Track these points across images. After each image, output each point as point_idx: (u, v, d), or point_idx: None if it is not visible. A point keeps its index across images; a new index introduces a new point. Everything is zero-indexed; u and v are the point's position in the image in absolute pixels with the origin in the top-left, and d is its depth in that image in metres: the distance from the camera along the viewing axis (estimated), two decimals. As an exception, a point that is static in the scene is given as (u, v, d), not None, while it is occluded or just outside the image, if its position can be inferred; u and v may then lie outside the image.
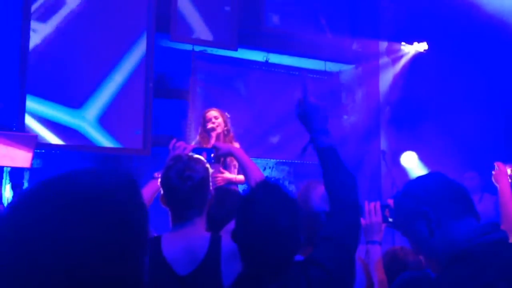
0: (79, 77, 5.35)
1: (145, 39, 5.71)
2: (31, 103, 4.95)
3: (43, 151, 4.05)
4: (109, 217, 0.65)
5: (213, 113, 4.44)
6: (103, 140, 5.47)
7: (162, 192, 1.92)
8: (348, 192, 1.56)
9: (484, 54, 5.72)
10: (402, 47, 6.96)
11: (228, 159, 4.32)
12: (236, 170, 4.29)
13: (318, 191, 1.93)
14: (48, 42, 5.24)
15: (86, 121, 5.37)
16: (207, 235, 1.85)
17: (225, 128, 4.42)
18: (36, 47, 5.14)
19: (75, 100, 5.33)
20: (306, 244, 1.88)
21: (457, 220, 1.38)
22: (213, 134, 4.29)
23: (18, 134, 3.60)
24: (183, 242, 1.82)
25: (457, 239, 1.34)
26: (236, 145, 4.38)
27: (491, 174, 2.79)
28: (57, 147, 5.10)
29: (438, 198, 1.41)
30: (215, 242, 1.80)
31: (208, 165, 1.94)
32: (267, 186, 1.50)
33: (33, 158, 3.49)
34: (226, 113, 4.54)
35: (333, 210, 1.56)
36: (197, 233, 1.85)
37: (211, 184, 1.94)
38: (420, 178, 1.54)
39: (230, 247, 1.75)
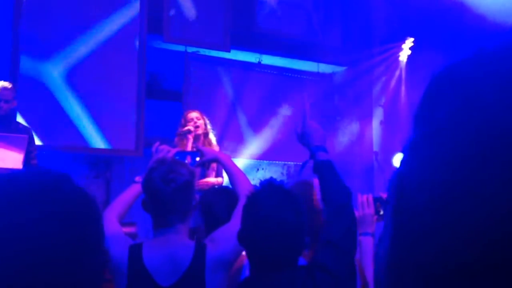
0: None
1: (137, 40, 5.70)
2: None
3: (35, 152, 4.02)
4: (50, 212, 0.66)
5: (194, 114, 4.43)
6: (92, 135, 5.44)
7: (144, 196, 1.86)
8: (344, 201, 1.61)
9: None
10: (394, 49, 6.99)
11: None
12: (214, 173, 4.33)
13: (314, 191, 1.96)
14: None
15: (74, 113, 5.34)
16: (191, 243, 1.80)
17: (205, 131, 4.38)
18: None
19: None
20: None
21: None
22: (190, 136, 4.28)
23: (8, 135, 3.57)
24: (165, 250, 1.76)
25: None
26: (216, 147, 4.40)
27: None
28: (49, 148, 5.07)
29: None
30: (199, 251, 1.75)
31: (193, 170, 1.89)
32: (272, 186, 1.51)
33: (24, 159, 3.47)
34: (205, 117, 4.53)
35: (330, 218, 1.61)
36: (180, 240, 1.79)
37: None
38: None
39: (215, 257, 1.75)
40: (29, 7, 5.15)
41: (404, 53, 6.97)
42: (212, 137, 4.45)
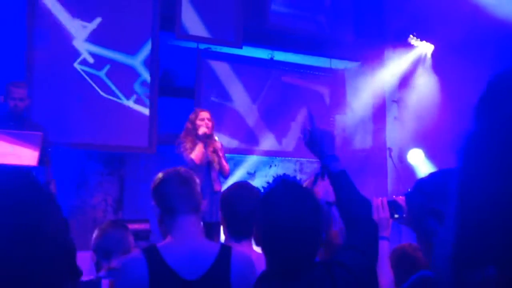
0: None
1: (150, 37, 5.71)
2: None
3: (49, 149, 4.06)
4: (10, 207, 0.70)
5: (206, 114, 4.54)
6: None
7: (155, 201, 1.88)
8: (363, 210, 1.59)
9: (492, 49, 5.69)
10: (408, 44, 6.92)
11: (213, 163, 4.44)
12: (215, 174, 4.41)
13: (322, 185, 1.93)
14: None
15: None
16: (214, 243, 1.84)
17: (212, 132, 4.56)
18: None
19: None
20: None
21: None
22: (201, 133, 4.40)
23: (24, 132, 3.61)
24: (186, 247, 1.78)
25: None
26: (218, 144, 4.58)
27: None
28: (63, 145, 5.11)
29: (448, 194, 1.40)
30: (225, 251, 1.79)
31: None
32: (286, 183, 1.50)
33: (39, 156, 3.50)
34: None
35: (351, 228, 1.59)
36: (198, 236, 1.82)
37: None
38: (431, 175, 1.54)
39: (242, 262, 1.77)
40: (42, 7, 5.19)
41: (418, 48, 6.90)
42: (216, 138, 4.60)
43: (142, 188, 5.88)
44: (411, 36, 6.77)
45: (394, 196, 2.24)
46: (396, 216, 2.14)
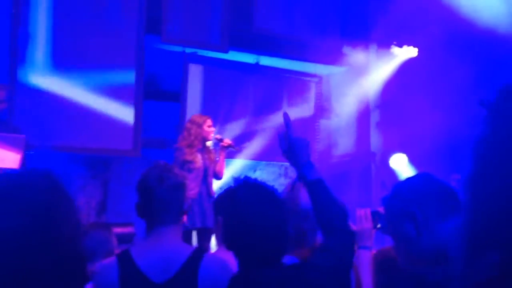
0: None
1: (135, 38, 5.70)
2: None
3: (32, 152, 4.02)
4: (30, 208, 0.72)
5: (210, 121, 4.60)
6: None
7: (138, 199, 1.89)
8: (339, 219, 1.60)
9: (473, 56, 5.79)
10: (392, 50, 7.01)
11: (211, 167, 4.49)
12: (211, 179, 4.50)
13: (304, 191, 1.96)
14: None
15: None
16: (187, 246, 1.86)
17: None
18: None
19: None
20: (298, 243, 1.90)
21: (444, 220, 1.39)
22: (209, 142, 4.48)
23: (6, 135, 3.58)
24: (157, 249, 1.80)
25: (444, 239, 1.36)
26: (212, 150, 4.68)
27: None
28: (46, 147, 5.07)
29: (425, 198, 1.43)
30: (196, 256, 1.80)
31: (185, 175, 1.97)
32: (247, 184, 1.53)
33: (22, 159, 3.47)
34: None
35: (327, 234, 1.60)
36: (173, 241, 1.83)
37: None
38: (408, 179, 1.56)
39: (210, 272, 1.77)
40: (27, 10, 5.16)
41: (402, 55, 6.99)
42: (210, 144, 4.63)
43: (126, 192, 5.85)
44: (393, 45, 6.86)
45: (377, 208, 2.27)
46: (378, 226, 2.18)
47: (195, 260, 1.78)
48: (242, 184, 1.54)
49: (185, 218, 3.99)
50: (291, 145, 1.66)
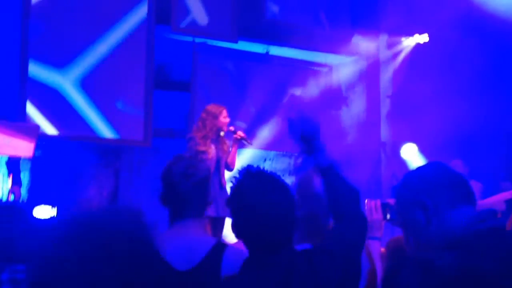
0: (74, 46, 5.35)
1: (145, 28, 5.72)
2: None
3: (43, 142, 4.07)
4: (126, 254, 0.82)
5: (226, 112, 4.55)
6: (99, 125, 5.48)
7: (162, 189, 1.90)
8: (351, 204, 1.62)
9: (484, 45, 5.73)
10: (402, 40, 6.96)
11: (224, 157, 4.49)
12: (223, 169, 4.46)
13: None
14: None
15: (79, 101, 5.35)
16: (210, 238, 1.87)
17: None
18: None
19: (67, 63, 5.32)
20: (311, 229, 1.92)
21: (454, 208, 1.40)
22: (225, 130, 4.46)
23: (20, 124, 3.62)
24: (181, 240, 1.81)
25: (454, 227, 1.37)
26: (226, 141, 4.60)
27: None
28: (58, 137, 5.12)
29: (436, 187, 1.44)
30: (219, 245, 1.81)
31: (209, 167, 1.97)
32: (251, 173, 1.54)
33: (35, 148, 3.51)
34: None
35: (339, 219, 1.62)
36: (196, 234, 1.84)
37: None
38: (418, 168, 1.58)
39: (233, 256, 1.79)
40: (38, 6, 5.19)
41: (412, 45, 6.93)
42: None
43: (137, 181, 5.91)
44: (403, 35, 6.81)
45: (387, 199, 2.30)
46: (388, 217, 2.21)
47: (218, 250, 1.79)
48: (247, 173, 1.55)
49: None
50: (303, 130, 1.67)
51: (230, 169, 4.64)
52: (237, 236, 1.54)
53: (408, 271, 1.22)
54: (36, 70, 5.10)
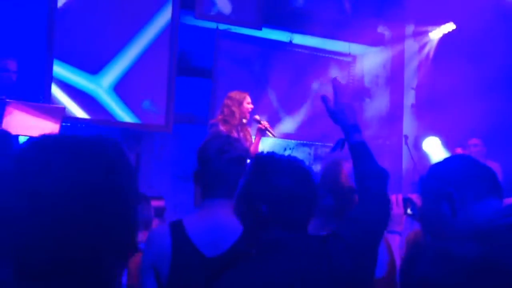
0: (100, 45, 5.41)
1: (170, 13, 5.72)
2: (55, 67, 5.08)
3: (68, 124, 4.12)
4: (103, 165, 0.74)
5: (249, 98, 4.52)
6: (119, 111, 5.53)
7: (197, 166, 1.85)
8: (378, 183, 1.60)
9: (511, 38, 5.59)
10: (429, 30, 6.83)
11: (245, 145, 4.45)
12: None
13: (347, 167, 1.96)
14: (73, 7, 5.28)
15: (101, 88, 5.43)
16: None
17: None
18: (62, 12, 5.20)
19: (94, 65, 5.39)
20: (336, 216, 1.91)
21: (480, 201, 1.38)
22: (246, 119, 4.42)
23: (46, 105, 3.68)
24: (211, 222, 1.75)
25: (479, 220, 1.34)
26: (249, 129, 4.60)
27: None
28: (81, 120, 5.19)
29: (463, 179, 1.42)
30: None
31: (248, 149, 1.90)
32: (275, 158, 1.52)
33: (60, 130, 3.57)
34: None
35: (363, 199, 1.60)
36: (228, 215, 1.72)
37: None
38: (445, 160, 1.57)
39: None
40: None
41: (438, 35, 6.80)
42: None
43: (157, 166, 5.95)
44: (429, 26, 6.68)
45: (409, 194, 2.30)
46: (409, 212, 2.20)
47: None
48: (270, 156, 1.54)
49: None
50: (339, 107, 1.67)
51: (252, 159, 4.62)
52: (245, 214, 1.49)
53: (427, 260, 1.20)
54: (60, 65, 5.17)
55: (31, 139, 0.74)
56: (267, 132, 4.61)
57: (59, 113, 3.59)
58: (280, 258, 1.42)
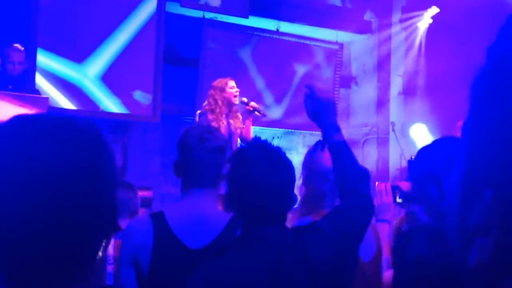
0: (85, 33, 5.34)
1: (155, 1, 5.66)
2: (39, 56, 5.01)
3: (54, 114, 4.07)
4: (84, 144, 0.73)
5: (233, 82, 4.47)
6: (106, 100, 5.47)
7: (177, 156, 1.82)
8: (360, 183, 1.60)
9: (498, 25, 5.62)
10: (415, 17, 6.84)
11: (236, 133, 4.42)
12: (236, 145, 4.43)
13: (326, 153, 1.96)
14: None
15: (87, 77, 5.36)
16: (226, 213, 1.70)
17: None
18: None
19: (79, 54, 5.32)
20: (317, 205, 1.90)
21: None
22: (235, 102, 4.37)
23: (30, 96, 3.62)
24: (194, 213, 1.72)
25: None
26: (240, 116, 4.51)
27: None
28: (66, 111, 5.13)
29: (449, 160, 1.42)
30: (234, 221, 1.68)
31: (227, 140, 1.90)
32: (258, 144, 1.52)
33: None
34: None
35: (345, 198, 1.60)
36: (210, 206, 1.74)
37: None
38: (433, 142, 1.57)
39: None
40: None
41: (425, 22, 6.82)
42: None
43: (145, 157, 5.92)
44: (416, 16, 6.69)
45: (397, 182, 2.31)
46: (398, 200, 2.21)
47: (233, 228, 1.67)
48: (252, 144, 1.54)
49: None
50: (318, 106, 1.66)
51: (247, 142, 4.57)
52: (230, 206, 1.49)
53: (420, 239, 1.20)
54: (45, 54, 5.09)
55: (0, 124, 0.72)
56: (256, 112, 4.58)
57: (43, 104, 3.53)
58: (255, 250, 1.42)
